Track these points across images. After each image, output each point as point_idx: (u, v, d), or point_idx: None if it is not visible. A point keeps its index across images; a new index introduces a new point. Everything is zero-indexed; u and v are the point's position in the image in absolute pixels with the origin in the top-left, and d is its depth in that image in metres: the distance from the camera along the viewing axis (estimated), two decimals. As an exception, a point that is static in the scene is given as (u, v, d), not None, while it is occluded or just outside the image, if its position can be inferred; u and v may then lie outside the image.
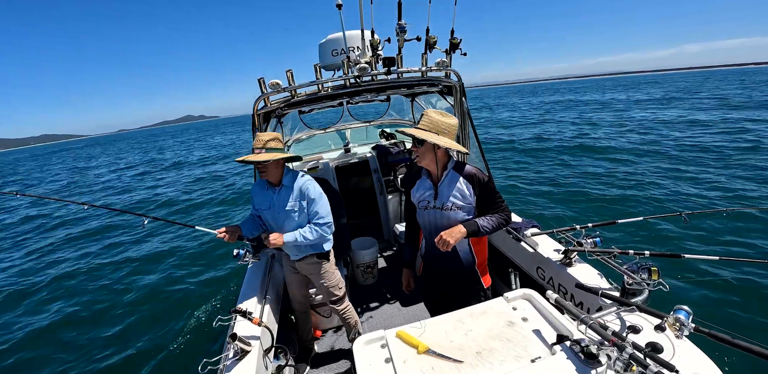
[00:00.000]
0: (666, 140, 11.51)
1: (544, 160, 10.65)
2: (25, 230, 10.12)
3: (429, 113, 1.66)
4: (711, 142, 10.57)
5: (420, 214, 1.83)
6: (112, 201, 12.30)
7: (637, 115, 19.01)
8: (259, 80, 2.25)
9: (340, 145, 4.70)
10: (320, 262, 2.25)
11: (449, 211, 1.72)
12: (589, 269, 2.02)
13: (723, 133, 11.86)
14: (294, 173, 2.12)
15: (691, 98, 26.69)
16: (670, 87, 45.52)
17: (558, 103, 34.09)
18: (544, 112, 26.87)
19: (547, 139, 14.06)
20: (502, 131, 17.94)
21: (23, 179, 24.28)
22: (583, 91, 58.19)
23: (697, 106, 21.15)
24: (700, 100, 24.34)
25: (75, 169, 27.00)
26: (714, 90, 34.12)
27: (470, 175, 1.72)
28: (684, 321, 1.19)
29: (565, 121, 19.23)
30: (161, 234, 7.91)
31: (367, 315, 3.01)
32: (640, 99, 29.86)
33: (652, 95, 32.93)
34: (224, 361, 1.66)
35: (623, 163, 9.19)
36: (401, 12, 2.30)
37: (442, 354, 1.22)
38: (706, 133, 12.24)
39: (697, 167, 8.15)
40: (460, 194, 1.71)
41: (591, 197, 6.90)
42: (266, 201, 2.11)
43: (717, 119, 14.90)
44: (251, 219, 2.21)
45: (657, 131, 13.34)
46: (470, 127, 2.80)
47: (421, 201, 1.80)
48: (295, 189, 2.06)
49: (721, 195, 6.25)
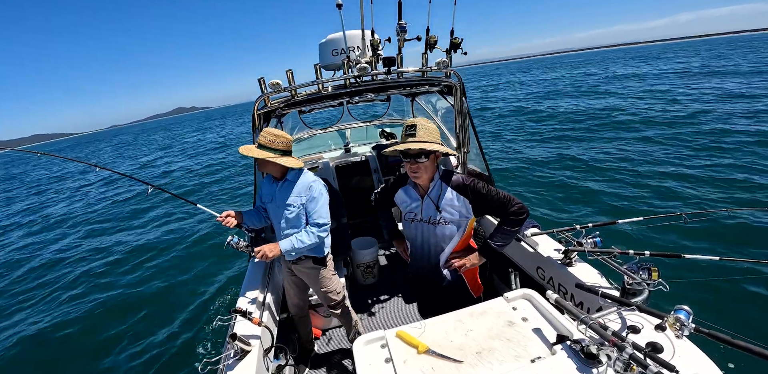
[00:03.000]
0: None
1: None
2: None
3: (420, 122, 1.51)
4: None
5: (407, 226, 1.74)
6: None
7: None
8: (260, 80, 2.25)
9: (341, 145, 4.70)
10: (317, 268, 2.19)
11: (437, 225, 1.63)
12: (589, 269, 2.02)
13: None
14: (301, 169, 2.09)
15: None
16: (699, 54, 43.29)
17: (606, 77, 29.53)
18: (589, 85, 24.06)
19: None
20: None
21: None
22: (607, 62, 55.09)
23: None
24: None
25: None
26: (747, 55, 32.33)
27: (459, 184, 1.60)
28: (684, 321, 1.18)
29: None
30: (161, 228, 7.93)
31: (367, 315, 3.01)
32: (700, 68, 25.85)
33: (689, 65, 29.65)
34: (224, 361, 1.66)
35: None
36: (401, 12, 2.30)
37: (442, 354, 1.22)
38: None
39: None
40: (450, 207, 1.60)
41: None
42: (270, 194, 2.11)
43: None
44: (255, 211, 2.21)
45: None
46: (470, 127, 2.80)
47: (408, 213, 1.70)
48: (298, 185, 2.04)
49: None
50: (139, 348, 4.01)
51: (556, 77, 36.81)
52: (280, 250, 1.97)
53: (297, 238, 1.99)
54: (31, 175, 26.46)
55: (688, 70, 25.97)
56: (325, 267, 2.22)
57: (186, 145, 27.56)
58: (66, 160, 3.51)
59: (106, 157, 29.50)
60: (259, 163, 1.99)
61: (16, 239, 9.39)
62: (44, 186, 18.70)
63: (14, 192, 18.46)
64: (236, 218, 2.05)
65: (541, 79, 37.60)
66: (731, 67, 24.16)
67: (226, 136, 30.03)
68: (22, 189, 19.25)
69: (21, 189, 19.07)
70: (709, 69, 24.89)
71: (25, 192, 17.60)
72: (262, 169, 2.02)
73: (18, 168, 37.99)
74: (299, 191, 2.03)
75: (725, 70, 23.29)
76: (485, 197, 1.57)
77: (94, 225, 9.28)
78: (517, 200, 1.58)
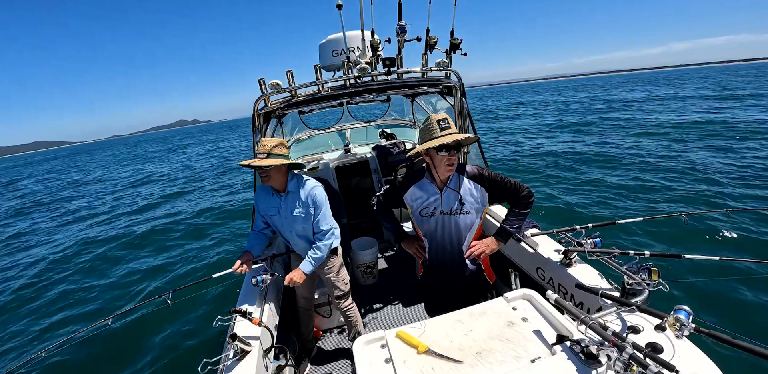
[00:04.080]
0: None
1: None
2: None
3: (445, 118, 1.57)
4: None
5: (423, 221, 1.75)
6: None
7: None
8: (260, 80, 2.26)
9: (340, 146, 4.70)
10: (329, 257, 2.27)
11: (459, 215, 1.68)
12: (589, 269, 2.02)
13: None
14: (299, 178, 2.10)
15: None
16: (707, 82, 43.26)
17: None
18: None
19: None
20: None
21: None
22: (611, 87, 54.84)
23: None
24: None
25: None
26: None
27: (476, 175, 1.69)
28: (684, 321, 1.18)
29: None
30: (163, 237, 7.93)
31: (367, 316, 3.01)
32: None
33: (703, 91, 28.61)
34: (224, 361, 1.66)
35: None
36: (401, 12, 2.30)
37: (441, 355, 1.22)
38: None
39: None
40: (471, 196, 1.67)
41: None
42: (274, 207, 2.11)
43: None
44: (255, 236, 2.24)
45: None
46: (470, 127, 2.81)
47: (425, 208, 1.71)
48: (302, 195, 2.06)
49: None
50: (139, 348, 4.00)
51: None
52: (304, 273, 2.08)
53: (312, 257, 2.10)
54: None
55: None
56: (336, 256, 2.32)
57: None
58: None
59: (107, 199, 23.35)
60: (263, 175, 1.95)
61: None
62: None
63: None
64: (249, 259, 2.10)
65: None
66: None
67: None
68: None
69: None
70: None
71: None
72: (267, 180, 1.98)
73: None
74: (304, 202, 2.07)
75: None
76: (500, 184, 1.68)
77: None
78: (525, 185, 1.71)
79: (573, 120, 18.76)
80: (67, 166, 37.78)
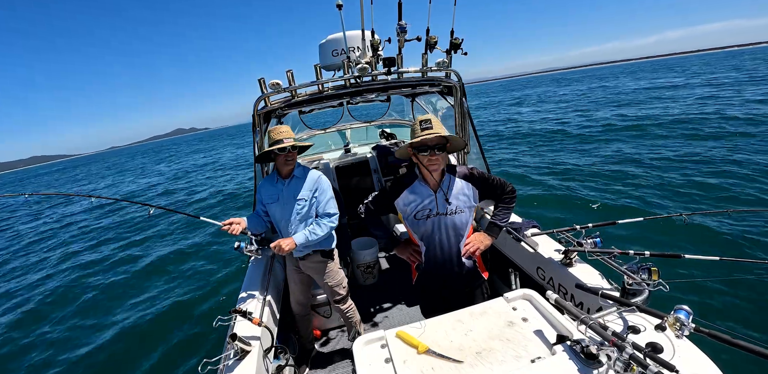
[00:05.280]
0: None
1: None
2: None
3: (428, 119, 1.59)
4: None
5: (419, 225, 1.74)
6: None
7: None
8: (260, 80, 2.26)
9: (340, 145, 4.70)
10: (325, 261, 2.26)
11: (454, 215, 1.70)
12: (589, 269, 2.02)
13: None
14: (305, 166, 2.20)
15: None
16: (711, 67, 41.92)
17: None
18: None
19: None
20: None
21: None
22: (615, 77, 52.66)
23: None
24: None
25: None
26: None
27: (466, 174, 1.73)
28: (684, 321, 1.18)
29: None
30: (162, 237, 7.92)
31: (368, 316, 3.01)
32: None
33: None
34: (224, 361, 1.66)
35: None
36: (401, 12, 2.30)
37: (441, 354, 1.22)
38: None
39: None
40: (464, 195, 1.71)
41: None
42: (274, 195, 2.15)
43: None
44: (255, 216, 2.24)
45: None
46: (471, 127, 2.80)
47: (420, 211, 1.71)
48: (307, 180, 2.13)
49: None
50: (139, 348, 4.01)
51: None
52: (295, 243, 2.05)
53: (310, 231, 2.08)
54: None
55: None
56: (332, 260, 2.30)
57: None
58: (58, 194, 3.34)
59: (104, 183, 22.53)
60: (290, 157, 2.04)
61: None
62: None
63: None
64: (240, 224, 2.08)
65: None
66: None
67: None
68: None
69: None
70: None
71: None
72: (292, 162, 2.08)
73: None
74: (309, 185, 2.12)
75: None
76: (488, 182, 1.75)
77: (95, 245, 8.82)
78: (509, 182, 1.81)
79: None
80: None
